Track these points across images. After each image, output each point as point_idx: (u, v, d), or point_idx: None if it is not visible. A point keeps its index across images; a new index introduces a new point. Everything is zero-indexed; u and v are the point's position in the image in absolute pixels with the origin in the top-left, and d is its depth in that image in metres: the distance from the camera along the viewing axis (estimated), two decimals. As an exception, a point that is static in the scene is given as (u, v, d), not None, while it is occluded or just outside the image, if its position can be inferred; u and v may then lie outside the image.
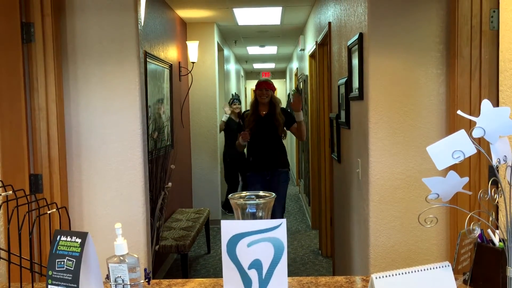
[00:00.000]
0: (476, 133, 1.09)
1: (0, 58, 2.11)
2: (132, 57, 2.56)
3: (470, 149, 1.09)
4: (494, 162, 1.10)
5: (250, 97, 16.78)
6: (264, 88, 4.72)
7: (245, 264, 1.23)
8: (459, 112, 1.13)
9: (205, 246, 5.64)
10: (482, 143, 1.17)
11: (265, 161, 4.71)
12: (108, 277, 1.22)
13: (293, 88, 9.37)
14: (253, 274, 1.24)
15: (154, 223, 3.80)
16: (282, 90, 15.69)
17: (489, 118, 1.09)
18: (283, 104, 7.02)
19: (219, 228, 4.71)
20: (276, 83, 16.02)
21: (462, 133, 1.09)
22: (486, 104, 1.09)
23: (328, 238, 5.06)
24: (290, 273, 1.19)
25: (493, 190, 1.14)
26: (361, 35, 2.76)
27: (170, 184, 4.18)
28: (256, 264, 1.24)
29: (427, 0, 2.50)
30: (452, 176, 1.10)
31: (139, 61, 2.58)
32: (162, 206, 4.04)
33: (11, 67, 2.24)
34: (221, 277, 1.31)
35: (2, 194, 1.41)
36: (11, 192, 1.41)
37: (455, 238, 2.40)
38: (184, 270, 4.31)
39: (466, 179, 1.10)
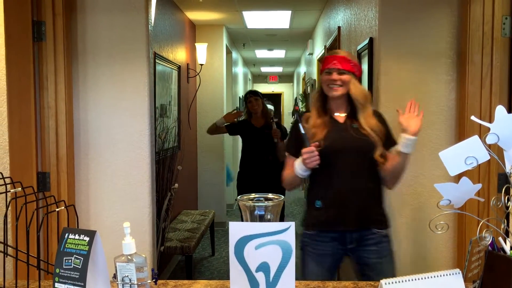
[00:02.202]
0: (490, 139, 1.07)
1: (11, 56, 2.12)
2: (141, 58, 2.56)
3: (483, 156, 1.07)
4: (508, 169, 1.09)
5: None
6: (336, 68, 2.17)
7: (253, 267, 1.22)
8: (473, 117, 1.12)
9: (209, 248, 5.63)
10: (492, 150, 1.15)
11: (347, 211, 2.14)
12: (115, 276, 1.22)
13: (301, 92, 9.36)
14: (260, 276, 1.23)
15: (160, 224, 3.80)
16: (289, 94, 15.66)
17: (503, 124, 1.07)
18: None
19: (224, 231, 4.67)
20: (284, 87, 16.05)
21: (475, 139, 1.08)
22: (500, 110, 1.08)
23: (333, 243, 5.03)
24: (295, 277, 1.19)
25: (506, 198, 1.12)
26: (371, 39, 2.75)
27: (176, 185, 4.18)
28: (263, 267, 1.23)
29: (438, 6, 2.49)
30: (465, 183, 1.09)
31: (149, 62, 2.58)
32: (168, 207, 4.03)
33: (22, 65, 2.25)
34: (226, 279, 1.30)
35: (11, 190, 1.41)
36: (20, 189, 1.41)
37: (463, 245, 2.38)
38: (188, 271, 4.31)
39: (479, 186, 1.09)
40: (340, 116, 2.22)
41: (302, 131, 2.09)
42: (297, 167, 2.13)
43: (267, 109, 4.85)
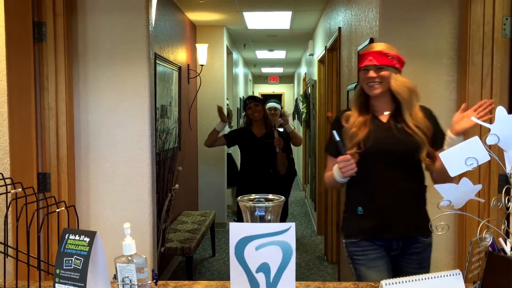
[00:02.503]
0: (490, 140, 1.07)
1: (12, 57, 2.12)
2: (142, 59, 2.57)
3: (484, 156, 1.07)
4: (508, 169, 1.09)
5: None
6: (372, 65, 2.04)
7: (253, 267, 1.22)
8: (473, 118, 1.12)
9: (210, 249, 5.63)
10: (492, 151, 1.15)
11: (392, 218, 2.04)
12: (115, 277, 1.22)
13: (301, 93, 9.37)
14: (260, 277, 1.23)
15: (160, 225, 3.80)
16: (290, 95, 15.67)
17: (503, 125, 1.07)
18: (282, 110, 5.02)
19: (225, 231, 4.63)
20: (284, 87, 16.05)
21: (475, 139, 1.08)
22: (501, 110, 1.08)
23: (333, 244, 5.03)
24: (295, 278, 1.18)
25: (506, 198, 1.12)
26: (371, 40, 2.75)
27: (177, 186, 4.18)
28: (264, 268, 1.23)
29: (439, 7, 2.49)
30: (465, 183, 1.09)
31: (149, 63, 2.59)
32: (169, 207, 4.03)
33: (22, 66, 2.25)
34: (227, 280, 1.30)
35: (12, 191, 1.41)
36: (20, 189, 1.41)
37: (463, 246, 2.38)
38: (189, 272, 4.31)
39: (479, 186, 1.09)
40: (384, 114, 2.07)
41: (337, 138, 1.96)
42: (335, 172, 2.03)
43: (268, 116, 4.39)
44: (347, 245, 2.10)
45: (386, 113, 2.07)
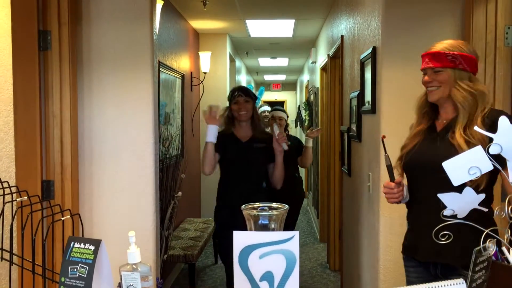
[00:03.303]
0: (493, 150, 1.08)
1: (17, 65, 2.14)
2: (146, 67, 2.58)
3: (487, 166, 1.08)
4: (511, 179, 1.09)
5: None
6: (429, 67, 1.86)
7: (257, 276, 1.23)
8: (476, 128, 1.12)
9: (212, 256, 5.63)
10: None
11: (425, 239, 1.68)
12: (120, 285, 1.22)
13: (304, 100, 9.38)
14: (264, 286, 1.23)
15: (163, 232, 3.80)
16: (292, 102, 15.69)
17: (506, 134, 1.08)
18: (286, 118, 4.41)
19: (228, 239, 4.39)
20: (287, 95, 16.07)
21: (478, 149, 1.08)
22: (503, 120, 1.08)
23: (336, 252, 5.03)
24: (299, 287, 1.17)
25: (509, 208, 1.13)
26: (374, 49, 2.76)
27: (180, 193, 4.19)
28: (267, 276, 1.23)
29: (441, 15, 2.50)
30: (468, 192, 1.09)
31: (153, 71, 2.60)
32: (172, 215, 4.04)
33: (27, 74, 2.27)
34: (230, 288, 1.30)
35: (18, 199, 1.42)
36: (26, 198, 1.42)
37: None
38: (191, 280, 4.30)
39: (482, 196, 1.10)
40: (442, 122, 1.85)
41: (387, 162, 1.83)
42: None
43: (258, 118, 3.22)
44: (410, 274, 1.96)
45: (445, 120, 1.85)
